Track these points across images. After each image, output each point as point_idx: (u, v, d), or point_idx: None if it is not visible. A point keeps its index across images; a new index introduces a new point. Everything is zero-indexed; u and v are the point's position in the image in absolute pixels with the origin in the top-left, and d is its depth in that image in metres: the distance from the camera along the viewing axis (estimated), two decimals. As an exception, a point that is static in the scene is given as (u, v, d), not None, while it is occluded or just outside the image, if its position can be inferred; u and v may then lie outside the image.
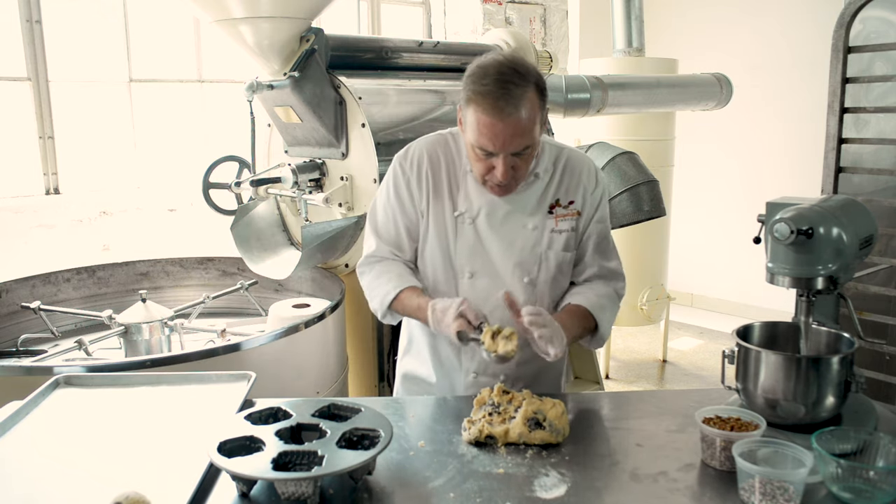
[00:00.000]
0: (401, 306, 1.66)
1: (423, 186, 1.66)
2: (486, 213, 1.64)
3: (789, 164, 5.11)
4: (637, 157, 3.67)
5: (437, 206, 1.66)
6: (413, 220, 1.69)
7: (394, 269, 1.69)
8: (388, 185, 1.71)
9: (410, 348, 1.82)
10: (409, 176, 1.67)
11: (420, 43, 2.99)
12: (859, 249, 1.42)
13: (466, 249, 1.65)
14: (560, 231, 1.66)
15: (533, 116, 1.48)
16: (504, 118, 1.45)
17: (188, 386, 1.60)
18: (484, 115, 1.46)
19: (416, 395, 1.79)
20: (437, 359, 1.74)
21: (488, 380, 1.67)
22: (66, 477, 1.22)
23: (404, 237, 1.70)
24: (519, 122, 1.46)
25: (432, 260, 1.69)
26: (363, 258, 1.76)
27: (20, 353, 2.42)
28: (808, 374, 1.36)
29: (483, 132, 1.47)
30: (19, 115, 3.60)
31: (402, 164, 1.69)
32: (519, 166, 1.54)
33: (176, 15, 4.12)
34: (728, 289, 5.62)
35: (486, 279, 1.65)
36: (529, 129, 1.48)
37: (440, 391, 1.74)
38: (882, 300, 2.59)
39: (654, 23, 5.20)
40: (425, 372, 1.77)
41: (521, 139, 1.48)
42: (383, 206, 1.72)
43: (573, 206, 1.67)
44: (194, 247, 3.41)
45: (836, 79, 2.65)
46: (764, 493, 1.13)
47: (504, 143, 1.47)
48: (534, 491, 1.21)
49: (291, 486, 1.12)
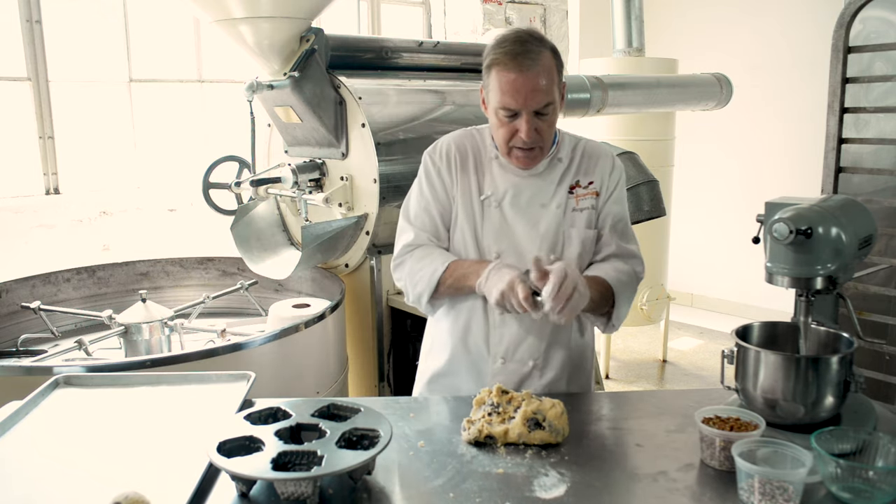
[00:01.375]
0: (451, 277, 1.66)
1: (452, 173, 1.73)
2: (512, 196, 1.70)
3: (789, 164, 5.11)
4: (637, 157, 3.67)
5: (464, 191, 1.72)
6: (446, 207, 1.74)
7: (436, 251, 1.72)
8: (421, 178, 1.77)
9: (433, 349, 1.82)
10: (440, 165, 1.74)
11: (420, 43, 2.99)
12: (859, 249, 1.42)
13: (493, 231, 1.70)
14: (581, 209, 1.71)
15: (551, 75, 1.57)
16: (524, 71, 1.53)
17: (188, 386, 1.60)
18: (505, 72, 1.55)
19: (436, 392, 1.78)
20: (465, 348, 1.74)
21: (516, 366, 1.69)
22: (66, 477, 1.22)
23: (439, 224, 1.74)
24: (538, 76, 1.54)
25: (463, 243, 1.72)
26: (399, 250, 1.76)
27: (20, 353, 2.42)
28: (808, 374, 1.36)
29: (505, 89, 1.55)
30: (19, 115, 3.60)
31: (431, 156, 1.77)
32: (542, 129, 1.60)
33: (176, 15, 4.12)
34: (728, 289, 5.62)
35: (513, 259, 1.68)
36: (549, 86, 1.56)
37: (467, 384, 1.74)
38: (882, 300, 2.59)
39: (654, 23, 5.20)
40: (450, 368, 1.77)
41: (542, 95, 1.55)
42: (416, 199, 1.77)
43: (592, 185, 1.73)
44: (194, 247, 3.41)
45: (836, 79, 2.65)
46: (763, 493, 1.13)
47: (526, 98, 1.54)
48: (533, 491, 1.21)
49: (291, 486, 1.12)
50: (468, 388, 1.72)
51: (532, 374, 1.70)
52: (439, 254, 1.71)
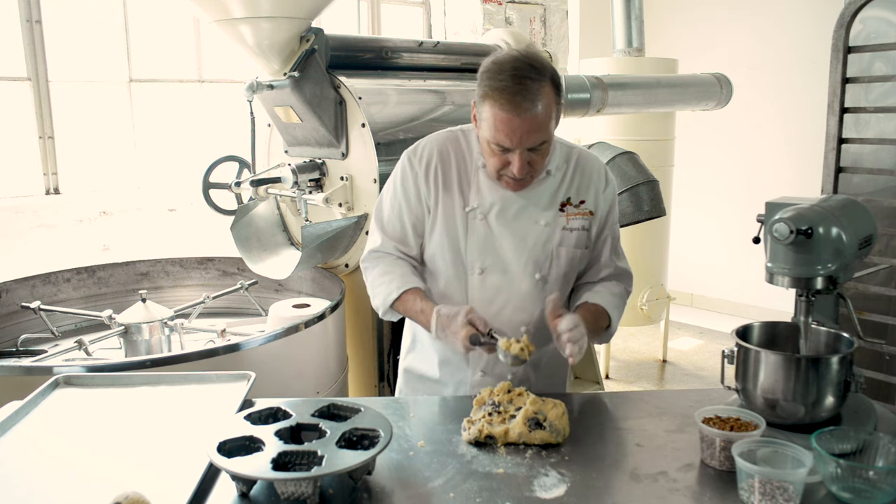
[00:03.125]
0: (403, 307, 1.65)
1: (430, 182, 1.66)
2: (499, 209, 1.64)
3: (789, 164, 5.11)
4: (637, 157, 3.67)
5: (446, 202, 1.66)
6: (419, 216, 1.68)
7: (397, 269, 1.68)
8: (396, 179, 1.70)
9: (415, 346, 1.81)
10: (418, 171, 1.67)
11: (420, 43, 2.99)
12: (859, 249, 1.42)
13: (478, 245, 1.65)
14: (571, 229, 1.67)
15: (549, 111, 1.49)
16: (521, 113, 1.45)
17: (188, 386, 1.60)
18: (501, 111, 1.46)
19: (419, 392, 1.79)
20: (444, 356, 1.73)
21: (495, 379, 1.65)
22: (66, 477, 1.22)
23: (410, 233, 1.70)
24: (535, 118, 1.46)
25: (441, 256, 1.68)
26: (367, 252, 1.75)
27: (20, 353, 2.42)
28: (808, 374, 1.36)
29: (500, 128, 1.47)
30: (19, 115, 3.60)
31: (410, 159, 1.69)
32: (535, 161, 1.54)
33: (176, 15, 4.12)
34: (728, 289, 5.62)
35: (497, 275, 1.65)
36: (545, 124, 1.49)
37: (445, 388, 1.74)
38: (882, 300, 2.59)
39: (654, 23, 5.20)
40: (430, 369, 1.76)
41: (537, 134, 1.48)
42: (390, 201, 1.72)
43: (584, 205, 1.68)
44: (194, 247, 3.41)
45: (836, 79, 2.65)
46: (763, 493, 1.13)
47: (521, 139, 1.48)
48: (533, 491, 1.21)
49: (291, 486, 1.12)
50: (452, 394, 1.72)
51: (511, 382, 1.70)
52: (399, 275, 1.66)
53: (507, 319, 1.65)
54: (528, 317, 1.66)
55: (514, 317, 1.65)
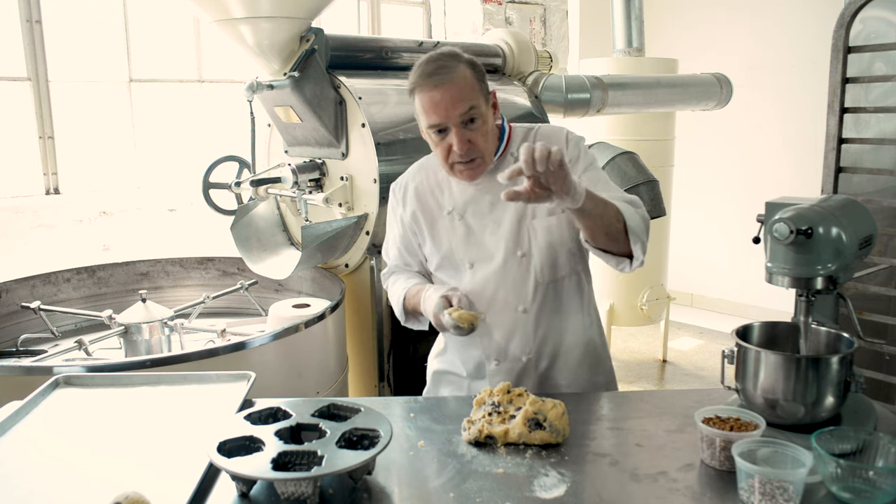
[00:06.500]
0: (410, 305, 1.78)
1: (408, 203, 1.80)
2: (473, 206, 1.73)
3: (789, 164, 5.11)
4: (637, 157, 3.67)
5: (427, 215, 1.78)
6: (410, 241, 1.84)
7: (402, 277, 1.86)
8: (388, 209, 1.89)
9: (445, 351, 1.89)
10: (395, 203, 1.84)
11: (420, 43, 2.99)
12: (859, 249, 1.42)
13: (462, 244, 1.74)
14: None
15: (468, 83, 1.58)
16: (440, 85, 1.56)
17: (188, 386, 1.60)
18: (422, 93, 1.59)
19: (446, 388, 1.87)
20: (467, 353, 1.81)
21: (510, 364, 1.74)
22: (66, 477, 1.22)
23: (406, 255, 1.87)
24: (454, 86, 1.56)
25: (438, 262, 1.79)
26: (384, 271, 1.96)
27: (20, 353, 2.42)
28: (808, 374, 1.36)
29: (427, 107, 1.59)
30: (19, 115, 3.60)
31: (393, 189, 1.86)
32: (475, 139, 1.60)
33: (176, 15, 4.12)
34: (728, 289, 5.62)
35: (485, 265, 1.72)
36: (467, 93, 1.57)
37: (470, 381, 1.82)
38: (882, 300, 2.59)
39: (654, 23, 5.20)
40: (457, 368, 1.85)
41: (461, 104, 1.56)
42: (389, 230, 1.91)
43: None
44: (194, 247, 3.41)
45: (836, 79, 2.64)
46: (763, 493, 1.13)
47: (447, 110, 1.56)
48: (533, 491, 1.21)
49: (291, 486, 1.12)
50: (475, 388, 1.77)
51: (528, 370, 1.74)
52: (403, 279, 1.83)
53: (503, 303, 1.71)
54: (521, 298, 1.71)
55: (509, 300, 1.71)
